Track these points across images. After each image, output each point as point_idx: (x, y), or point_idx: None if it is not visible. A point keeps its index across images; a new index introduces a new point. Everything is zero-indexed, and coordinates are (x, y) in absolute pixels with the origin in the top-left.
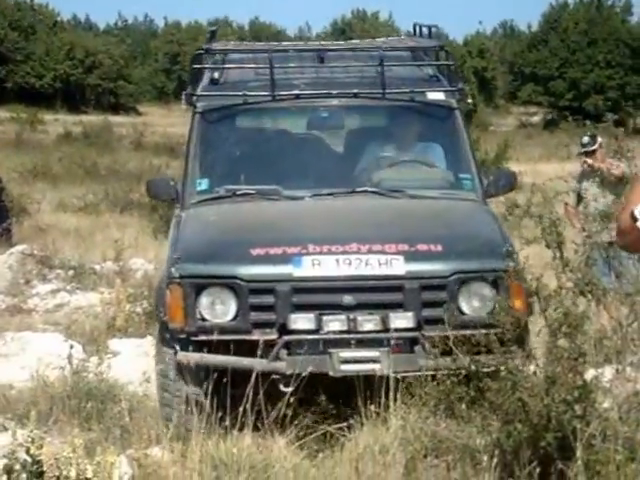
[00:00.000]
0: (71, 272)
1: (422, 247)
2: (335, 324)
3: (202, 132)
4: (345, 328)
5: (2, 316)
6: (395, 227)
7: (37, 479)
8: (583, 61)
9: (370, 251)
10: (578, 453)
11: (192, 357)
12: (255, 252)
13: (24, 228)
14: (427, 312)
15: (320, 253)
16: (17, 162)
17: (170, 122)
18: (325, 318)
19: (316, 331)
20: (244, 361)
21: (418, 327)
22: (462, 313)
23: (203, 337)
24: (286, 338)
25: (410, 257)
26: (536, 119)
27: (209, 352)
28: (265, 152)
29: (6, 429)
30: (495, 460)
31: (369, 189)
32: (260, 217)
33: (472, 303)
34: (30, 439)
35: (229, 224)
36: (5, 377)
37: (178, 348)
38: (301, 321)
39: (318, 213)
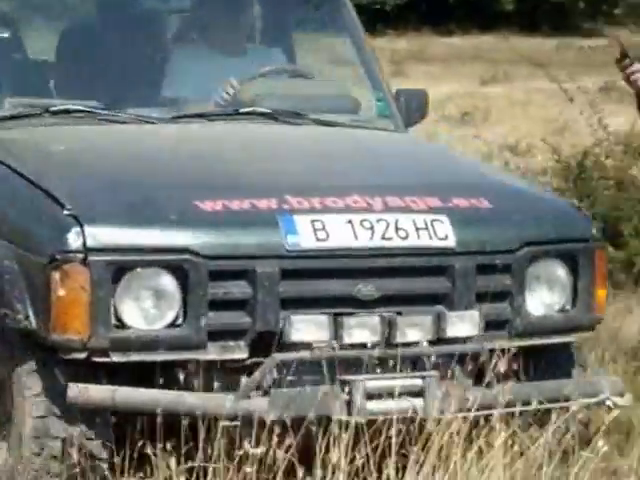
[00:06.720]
0: None
1: (461, 202)
2: (363, 332)
3: None
4: (376, 338)
5: None
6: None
7: None
8: None
9: (402, 209)
10: None
11: (99, 393)
12: (207, 206)
13: None
14: (486, 309)
15: (321, 211)
16: None
17: None
18: (345, 322)
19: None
20: (189, 398)
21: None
22: (525, 312)
23: (119, 357)
24: (279, 357)
25: (455, 217)
26: None
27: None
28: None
29: None
30: None
31: (259, 110)
32: (136, 151)
33: (541, 294)
34: None
35: (115, 162)
36: None
37: (66, 378)
38: (306, 327)
39: (225, 146)
